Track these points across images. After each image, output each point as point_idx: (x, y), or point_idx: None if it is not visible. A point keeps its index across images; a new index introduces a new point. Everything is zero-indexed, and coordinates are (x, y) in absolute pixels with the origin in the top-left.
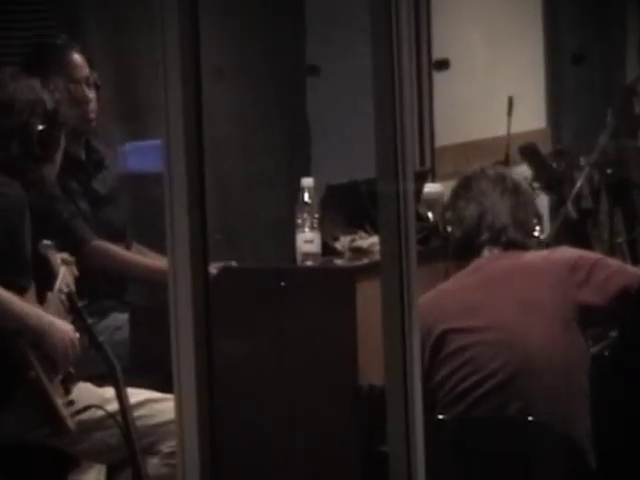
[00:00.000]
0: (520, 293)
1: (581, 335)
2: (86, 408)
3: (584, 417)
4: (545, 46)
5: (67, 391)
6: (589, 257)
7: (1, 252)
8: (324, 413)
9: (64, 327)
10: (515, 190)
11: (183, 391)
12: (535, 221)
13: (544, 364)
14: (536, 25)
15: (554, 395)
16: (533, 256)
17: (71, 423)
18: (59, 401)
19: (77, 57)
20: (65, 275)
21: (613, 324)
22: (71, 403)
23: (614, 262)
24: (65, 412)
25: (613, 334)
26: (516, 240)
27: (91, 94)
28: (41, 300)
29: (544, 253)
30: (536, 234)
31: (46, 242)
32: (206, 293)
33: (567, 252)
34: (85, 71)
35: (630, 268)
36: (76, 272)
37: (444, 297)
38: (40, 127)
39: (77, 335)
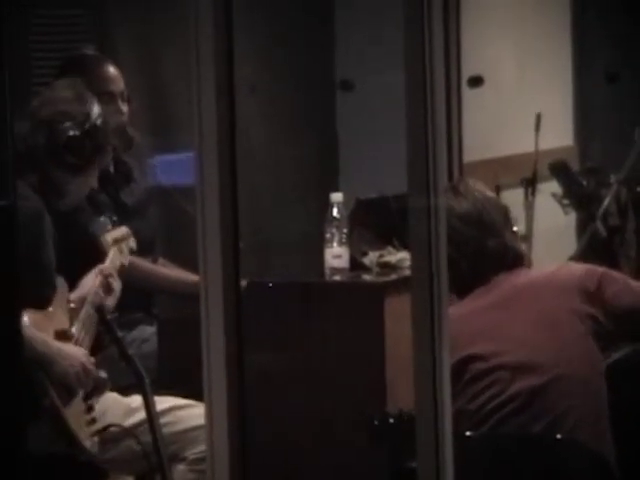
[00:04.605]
0: (534, 311)
1: (596, 347)
2: (106, 427)
3: (607, 429)
4: (574, 64)
5: (90, 408)
6: (595, 270)
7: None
8: (353, 427)
9: (74, 353)
10: (480, 200)
11: (214, 404)
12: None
13: (567, 379)
14: (566, 43)
15: (579, 410)
16: (541, 273)
17: (89, 444)
18: (82, 418)
19: (114, 71)
20: (114, 257)
21: (621, 339)
22: (93, 421)
23: (619, 276)
24: (84, 432)
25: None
26: (517, 252)
27: (124, 108)
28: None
29: (551, 269)
30: (515, 229)
31: (103, 219)
32: (238, 307)
33: (573, 267)
34: (121, 85)
35: (634, 283)
36: (133, 245)
37: (457, 323)
38: (72, 132)
39: (91, 359)
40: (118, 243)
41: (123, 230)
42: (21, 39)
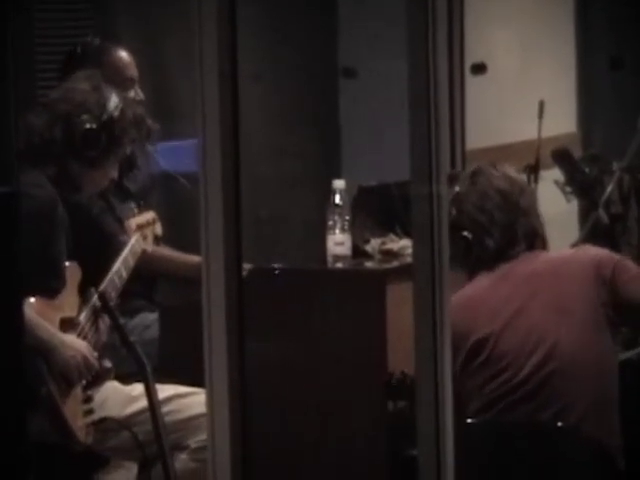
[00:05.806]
0: (552, 295)
1: (610, 336)
2: (102, 420)
3: (615, 421)
4: (577, 50)
5: (88, 399)
6: (611, 256)
7: (30, 256)
8: (354, 414)
9: (77, 344)
10: (516, 182)
11: (215, 391)
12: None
13: (579, 366)
14: (569, 29)
15: (589, 398)
16: (559, 255)
17: (83, 435)
18: (79, 409)
19: (128, 57)
20: (135, 244)
21: (629, 327)
22: (90, 412)
23: (632, 265)
24: (79, 423)
25: None
26: (542, 236)
27: (141, 93)
28: (98, 281)
29: (569, 252)
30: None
31: (131, 205)
32: (240, 294)
33: (591, 250)
34: (135, 71)
35: None
36: (159, 231)
37: (475, 303)
38: (88, 125)
39: (94, 353)
40: (142, 229)
41: (148, 216)
42: (25, 29)
